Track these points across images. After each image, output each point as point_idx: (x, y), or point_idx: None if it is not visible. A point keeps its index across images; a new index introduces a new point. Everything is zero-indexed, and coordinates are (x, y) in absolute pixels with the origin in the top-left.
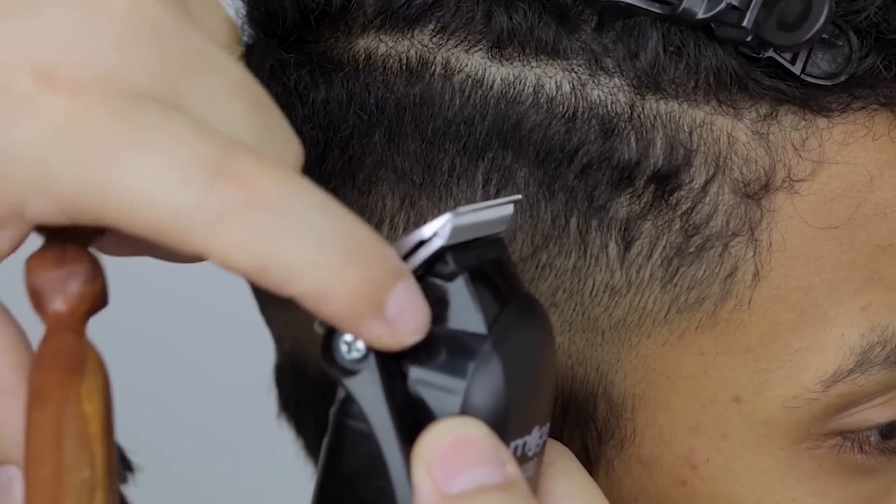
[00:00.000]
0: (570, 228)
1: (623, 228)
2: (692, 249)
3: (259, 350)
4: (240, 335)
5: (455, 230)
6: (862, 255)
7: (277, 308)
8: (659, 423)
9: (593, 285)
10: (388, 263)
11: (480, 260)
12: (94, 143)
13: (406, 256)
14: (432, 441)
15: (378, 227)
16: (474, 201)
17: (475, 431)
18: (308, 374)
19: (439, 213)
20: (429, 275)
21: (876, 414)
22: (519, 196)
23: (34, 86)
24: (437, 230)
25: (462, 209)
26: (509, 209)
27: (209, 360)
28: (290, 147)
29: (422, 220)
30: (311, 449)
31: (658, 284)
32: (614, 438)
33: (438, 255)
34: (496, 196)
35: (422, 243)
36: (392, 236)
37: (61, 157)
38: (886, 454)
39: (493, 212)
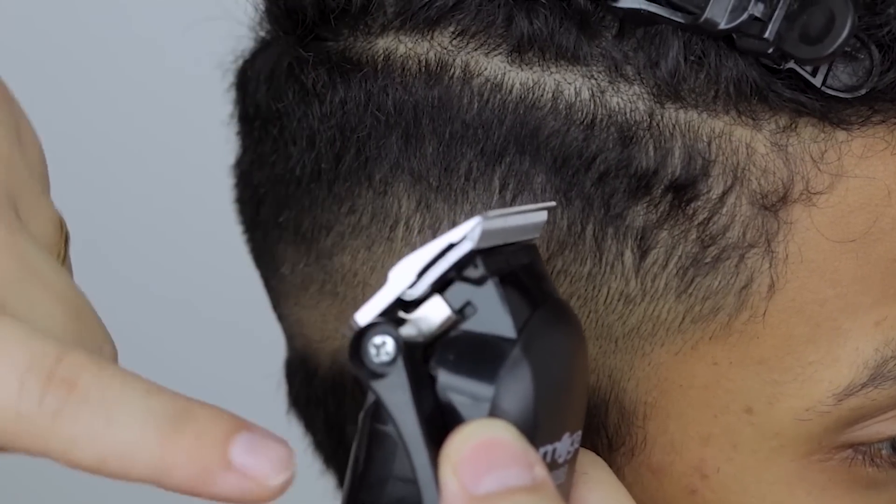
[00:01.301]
0: (585, 235)
1: (639, 237)
2: (708, 260)
3: (269, 346)
4: (251, 330)
5: (485, 234)
6: (878, 270)
7: (289, 305)
8: (670, 431)
9: (608, 293)
10: (219, 419)
11: (511, 265)
12: None
13: (435, 259)
14: (460, 442)
15: (393, 228)
16: (490, 206)
17: (503, 433)
18: (318, 372)
19: (455, 216)
20: (459, 278)
21: (888, 427)
22: (552, 203)
23: None
24: (466, 233)
25: (492, 213)
26: (542, 216)
27: (219, 355)
28: (106, 347)
29: (437, 224)
30: (320, 446)
31: (673, 294)
32: (625, 446)
33: (468, 259)
34: (513, 202)
35: (451, 246)
36: (407, 238)
37: None
38: None
39: (525, 217)
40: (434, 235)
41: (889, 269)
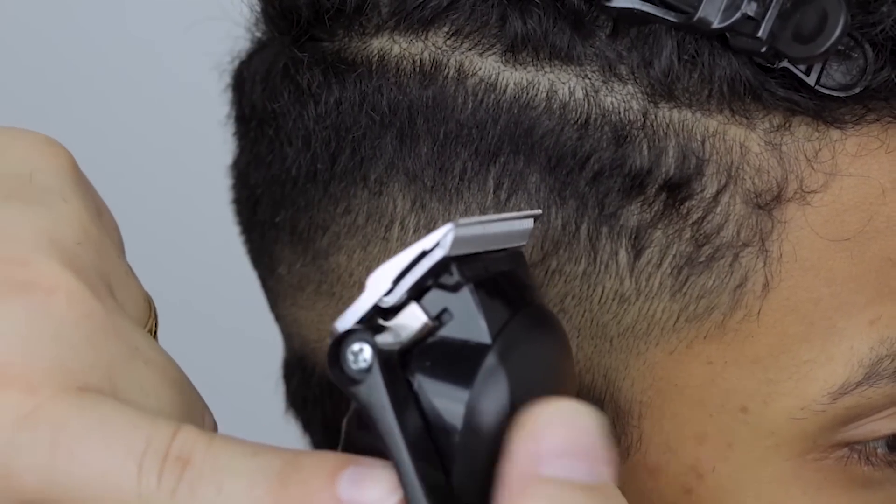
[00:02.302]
0: (580, 235)
1: (633, 236)
2: (702, 259)
3: (267, 346)
4: (249, 331)
5: (458, 240)
6: (872, 268)
7: (286, 306)
8: (665, 431)
9: (602, 292)
10: (321, 462)
11: (490, 271)
12: (54, 440)
13: (410, 267)
14: (547, 412)
15: (388, 228)
16: (485, 205)
17: (592, 421)
18: (315, 372)
19: (450, 216)
20: (436, 285)
21: (883, 426)
22: (538, 211)
23: None
24: (438, 240)
25: (465, 219)
26: (528, 223)
27: (217, 355)
28: (208, 417)
29: (432, 223)
30: (318, 446)
31: (667, 293)
32: (620, 445)
33: (444, 266)
34: (507, 201)
35: (425, 253)
36: (402, 238)
37: (23, 457)
38: (893, 466)
39: (507, 224)
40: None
41: (883, 267)
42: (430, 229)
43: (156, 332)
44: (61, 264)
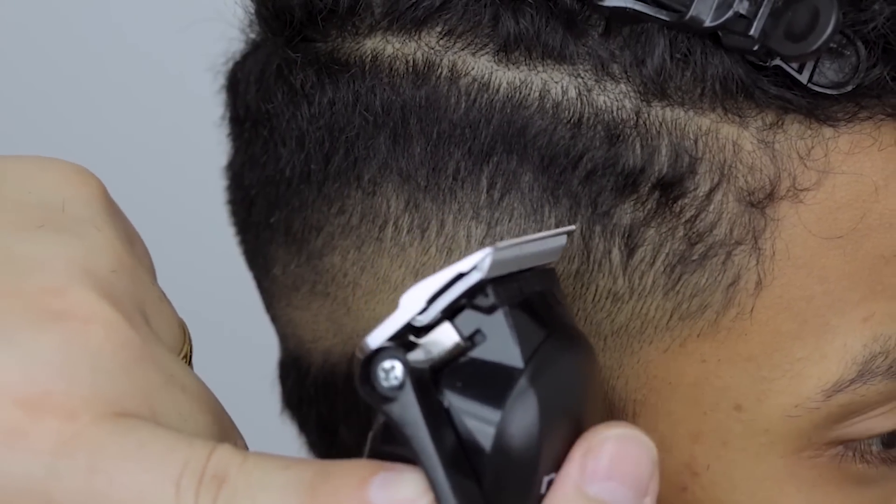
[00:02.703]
0: (573, 234)
1: (626, 235)
2: (695, 257)
3: (263, 347)
4: (244, 332)
5: (496, 264)
6: (865, 266)
7: (281, 306)
8: (660, 429)
9: (596, 291)
10: (351, 470)
11: (524, 293)
12: (92, 465)
13: (446, 287)
14: (609, 434)
15: (382, 228)
16: (478, 205)
17: (646, 451)
18: (310, 372)
19: (443, 215)
20: (469, 306)
21: (877, 423)
22: (573, 227)
23: (24, 417)
24: (476, 263)
25: (504, 242)
26: (561, 240)
27: (214, 356)
28: (240, 441)
29: (426, 223)
30: (314, 446)
31: (660, 291)
32: None
33: (479, 287)
34: (500, 201)
35: (461, 276)
36: (396, 238)
37: (63, 483)
38: (888, 463)
39: (541, 244)
40: (422, 235)
41: (876, 265)
42: (423, 229)
43: (191, 358)
44: (97, 294)
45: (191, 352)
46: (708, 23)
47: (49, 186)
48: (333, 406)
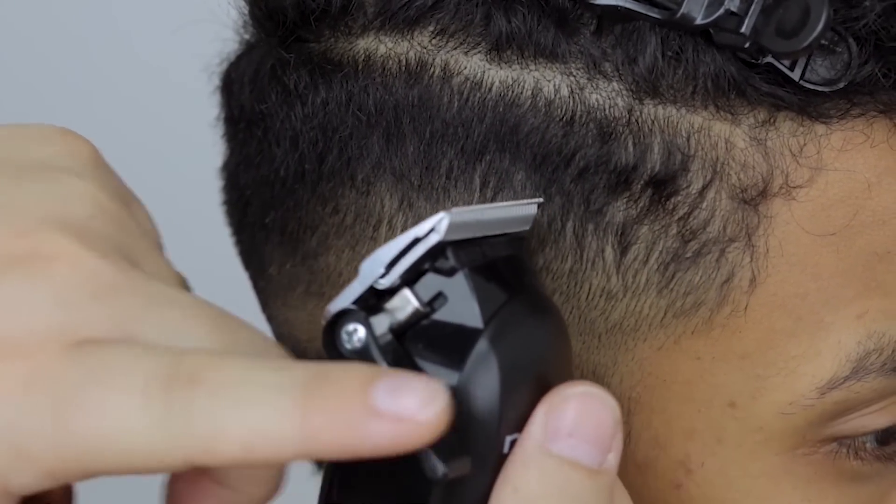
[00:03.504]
0: (566, 232)
1: (619, 233)
2: (689, 255)
3: None
4: None
5: (453, 226)
6: (859, 263)
7: (277, 306)
8: (654, 427)
9: (589, 289)
10: (353, 372)
11: (486, 256)
12: (57, 400)
13: (405, 252)
14: (571, 392)
15: (376, 228)
16: (472, 203)
17: (608, 409)
18: None
19: None
20: (431, 269)
21: (872, 420)
22: (540, 199)
23: None
24: (433, 226)
25: (462, 207)
26: (531, 209)
27: None
28: (267, 345)
29: (420, 221)
30: None
31: (654, 289)
32: None
33: (440, 251)
34: (493, 199)
35: (418, 240)
36: (390, 237)
37: (30, 426)
38: (882, 460)
39: (506, 211)
40: None
41: (870, 262)
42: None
43: None
44: (65, 235)
45: None
46: (699, 20)
47: (31, 144)
48: None
